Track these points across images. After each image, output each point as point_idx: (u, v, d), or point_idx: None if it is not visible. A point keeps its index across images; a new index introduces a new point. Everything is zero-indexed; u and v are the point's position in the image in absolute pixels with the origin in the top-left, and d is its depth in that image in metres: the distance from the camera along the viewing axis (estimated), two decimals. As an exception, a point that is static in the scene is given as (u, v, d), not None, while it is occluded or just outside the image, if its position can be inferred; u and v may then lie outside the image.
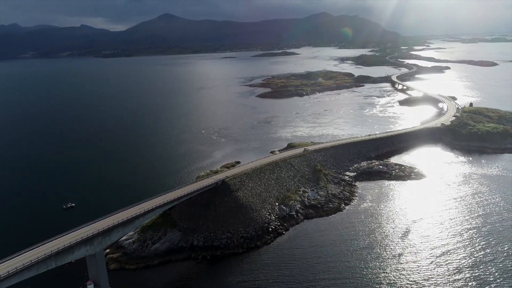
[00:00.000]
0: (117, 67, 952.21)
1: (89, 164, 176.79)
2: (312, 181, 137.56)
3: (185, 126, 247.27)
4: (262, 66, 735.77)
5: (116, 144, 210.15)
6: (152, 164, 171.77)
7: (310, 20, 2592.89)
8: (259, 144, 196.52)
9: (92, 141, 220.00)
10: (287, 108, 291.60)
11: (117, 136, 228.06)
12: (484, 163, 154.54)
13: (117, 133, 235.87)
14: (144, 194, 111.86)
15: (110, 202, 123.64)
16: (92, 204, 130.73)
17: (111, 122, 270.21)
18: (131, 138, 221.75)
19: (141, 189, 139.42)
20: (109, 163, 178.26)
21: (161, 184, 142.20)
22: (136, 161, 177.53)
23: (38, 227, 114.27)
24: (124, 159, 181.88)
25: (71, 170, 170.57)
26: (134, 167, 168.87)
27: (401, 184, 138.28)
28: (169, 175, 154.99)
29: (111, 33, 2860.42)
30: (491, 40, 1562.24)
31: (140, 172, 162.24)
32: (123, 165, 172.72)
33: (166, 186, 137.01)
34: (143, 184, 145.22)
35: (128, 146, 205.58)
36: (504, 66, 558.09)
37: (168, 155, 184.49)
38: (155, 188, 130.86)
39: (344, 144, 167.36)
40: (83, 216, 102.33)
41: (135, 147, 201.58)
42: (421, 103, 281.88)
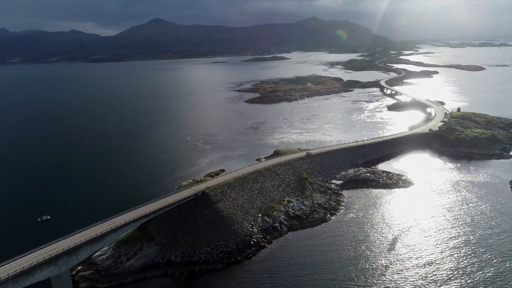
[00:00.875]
0: (106, 72, 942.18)
1: (70, 173, 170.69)
2: (297, 190, 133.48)
3: (171, 132, 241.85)
4: (252, 71, 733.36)
5: (98, 152, 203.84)
6: (134, 173, 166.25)
7: (301, 25, 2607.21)
8: (245, 151, 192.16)
9: (74, 149, 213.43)
10: (275, 114, 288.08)
11: (100, 144, 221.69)
12: (472, 169, 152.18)
13: (100, 141, 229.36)
14: (123, 206, 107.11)
15: (88, 214, 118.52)
16: (69, 217, 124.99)
17: (94, 129, 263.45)
18: (114, 145, 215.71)
19: (121, 199, 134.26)
20: (90, 171, 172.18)
21: (142, 194, 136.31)
22: (118, 170, 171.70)
23: (7, 243, 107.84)
24: (106, 168, 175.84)
25: (51, 179, 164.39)
26: (116, 176, 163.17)
27: (388, 192, 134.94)
28: (151, 184, 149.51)
29: (101, 38, 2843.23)
30: (479, 44, 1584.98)
31: (122, 181, 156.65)
32: (105, 174, 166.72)
33: (147, 196, 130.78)
34: (124, 195, 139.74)
35: (111, 153, 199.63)
36: (491, 70, 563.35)
37: (151, 163, 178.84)
38: (135, 198, 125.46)
39: (331, 151, 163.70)
40: (58, 230, 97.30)
41: (118, 155, 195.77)
42: (410, 108, 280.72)
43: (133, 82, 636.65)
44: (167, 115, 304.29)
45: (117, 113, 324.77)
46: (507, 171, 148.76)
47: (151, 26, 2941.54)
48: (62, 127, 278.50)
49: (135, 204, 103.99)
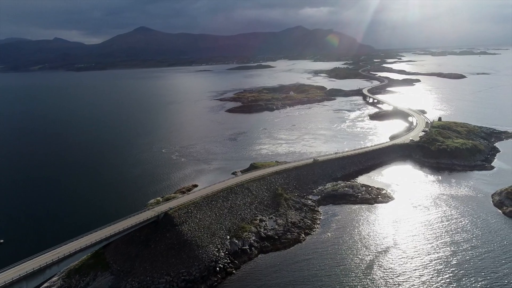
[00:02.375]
0: (87, 81, 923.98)
1: (31, 190, 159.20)
2: (271, 207, 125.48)
3: (146, 144, 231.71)
4: (236, 80, 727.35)
5: (64, 167, 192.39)
6: (101, 189, 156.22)
7: (286, 33, 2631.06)
8: (221, 164, 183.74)
9: (39, 162, 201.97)
10: (255, 124, 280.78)
11: (67, 158, 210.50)
12: (453, 182, 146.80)
13: (67, 155, 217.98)
14: (82, 227, 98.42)
15: (45, 237, 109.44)
16: (25, 240, 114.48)
17: (63, 142, 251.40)
18: (82, 160, 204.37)
19: (81, 220, 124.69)
20: (55, 188, 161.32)
21: (105, 213, 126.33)
22: (83, 187, 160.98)
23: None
24: (70, 185, 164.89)
25: (8, 197, 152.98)
26: (80, 194, 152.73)
27: (367, 208, 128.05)
28: (116, 202, 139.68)
29: (86, 46, 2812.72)
30: (460, 53, 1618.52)
31: (86, 199, 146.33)
32: (68, 192, 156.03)
33: (110, 216, 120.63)
34: (85, 215, 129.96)
35: (78, 169, 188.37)
36: (472, 78, 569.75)
37: (120, 179, 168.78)
38: (96, 219, 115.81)
39: (309, 164, 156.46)
40: (8, 257, 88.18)
41: (85, 171, 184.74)
42: (391, 117, 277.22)
43: (113, 91, 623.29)
44: (144, 126, 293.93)
45: (90, 125, 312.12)
46: (489, 183, 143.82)
47: (137, 34, 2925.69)
48: (30, 141, 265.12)
49: (95, 226, 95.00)
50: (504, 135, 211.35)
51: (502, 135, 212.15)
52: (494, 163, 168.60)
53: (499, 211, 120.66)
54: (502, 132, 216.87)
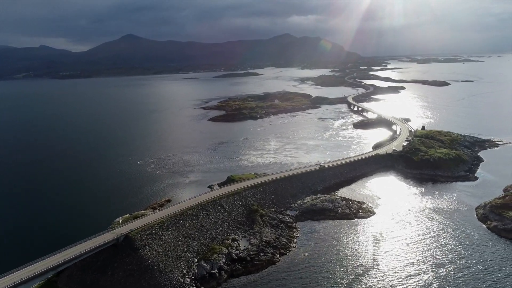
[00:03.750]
0: (70, 89, 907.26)
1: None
2: (245, 225, 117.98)
3: (121, 156, 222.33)
4: (221, 87, 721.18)
5: (27, 183, 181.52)
6: (66, 206, 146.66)
7: (274, 41, 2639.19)
8: (198, 176, 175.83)
9: (4, 177, 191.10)
10: (237, 133, 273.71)
11: (35, 170, 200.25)
12: (436, 195, 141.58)
13: (35, 167, 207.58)
14: (38, 251, 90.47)
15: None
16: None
17: (34, 153, 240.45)
18: (51, 174, 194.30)
19: (39, 241, 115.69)
20: (13, 206, 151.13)
21: (66, 234, 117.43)
22: (47, 203, 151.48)
23: None
24: (33, 200, 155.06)
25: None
26: (42, 211, 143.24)
27: (347, 224, 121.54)
28: (80, 221, 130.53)
29: (72, 54, 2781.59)
30: (444, 60, 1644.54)
31: (49, 217, 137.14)
32: (30, 209, 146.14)
33: (71, 237, 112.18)
34: (45, 235, 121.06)
35: (44, 183, 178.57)
36: (456, 85, 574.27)
37: (89, 194, 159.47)
38: (54, 241, 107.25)
39: (288, 177, 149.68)
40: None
41: (52, 184, 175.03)
42: (376, 125, 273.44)
43: (94, 100, 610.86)
44: (121, 137, 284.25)
45: (61, 137, 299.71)
46: (473, 195, 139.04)
47: (124, 42, 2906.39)
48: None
49: (53, 249, 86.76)
50: (488, 144, 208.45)
51: (486, 144, 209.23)
52: (478, 173, 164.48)
53: (483, 225, 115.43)
54: (486, 140, 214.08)
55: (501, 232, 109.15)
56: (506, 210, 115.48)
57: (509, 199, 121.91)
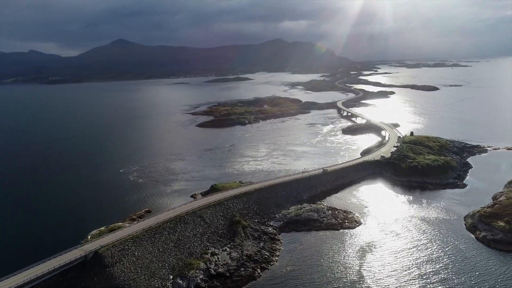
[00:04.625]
0: (59, 94, 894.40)
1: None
2: (226, 237, 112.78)
3: (104, 163, 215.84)
4: (212, 92, 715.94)
5: (6, 190, 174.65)
6: (40, 218, 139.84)
7: (266, 46, 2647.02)
8: (181, 185, 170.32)
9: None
10: (224, 139, 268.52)
11: (15, 178, 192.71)
12: (424, 203, 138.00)
13: (16, 174, 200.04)
14: (6, 267, 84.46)
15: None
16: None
17: (13, 161, 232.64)
18: (30, 182, 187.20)
19: (8, 256, 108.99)
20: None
21: (37, 248, 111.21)
22: (24, 213, 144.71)
23: None
24: (8, 210, 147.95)
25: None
26: (17, 221, 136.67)
27: (332, 235, 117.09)
28: (53, 234, 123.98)
29: (62, 59, 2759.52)
30: (433, 65, 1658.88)
31: (22, 229, 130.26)
32: (3, 219, 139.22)
33: (43, 252, 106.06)
34: (14, 249, 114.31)
35: (22, 192, 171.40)
36: (445, 90, 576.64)
37: (66, 204, 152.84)
38: (26, 255, 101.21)
39: (272, 186, 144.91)
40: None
41: (30, 193, 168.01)
42: (364, 131, 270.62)
43: (82, 105, 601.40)
44: (105, 143, 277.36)
45: (45, 143, 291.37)
46: (461, 203, 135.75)
47: (115, 47, 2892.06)
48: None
49: (22, 265, 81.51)
50: (476, 150, 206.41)
51: (475, 149, 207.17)
52: (467, 180, 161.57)
53: (471, 236, 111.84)
54: (474, 146, 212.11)
55: (490, 243, 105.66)
56: (495, 220, 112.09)
57: (498, 207, 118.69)
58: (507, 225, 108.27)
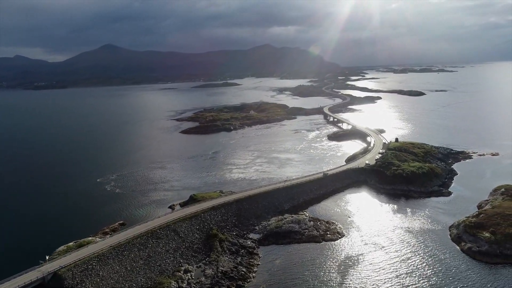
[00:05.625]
0: (43, 100, 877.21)
1: None
2: (201, 252, 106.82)
3: (81, 172, 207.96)
4: (199, 98, 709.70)
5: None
6: (6, 232, 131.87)
7: (254, 51, 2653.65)
8: (160, 195, 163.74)
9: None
10: (208, 146, 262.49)
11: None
12: (409, 212, 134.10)
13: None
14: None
15: None
16: None
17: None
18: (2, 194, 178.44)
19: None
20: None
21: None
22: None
23: None
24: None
25: None
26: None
27: (313, 248, 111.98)
28: (18, 251, 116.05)
29: (48, 64, 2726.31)
30: (419, 70, 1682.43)
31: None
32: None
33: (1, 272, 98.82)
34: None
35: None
36: (430, 95, 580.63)
37: (35, 217, 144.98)
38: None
39: (253, 196, 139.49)
40: None
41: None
42: (350, 137, 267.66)
43: (65, 111, 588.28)
44: (85, 151, 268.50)
45: (20, 150, 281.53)
46: (446, 213, 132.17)
47: (102, 52, 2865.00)
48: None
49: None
50: (461, 156, 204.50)
51: (459, 155, 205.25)
52: (452, 187, 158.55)
53: (457, 247, 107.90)
54: (459, 152, 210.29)
55: (476, 255, 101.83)
56: (480, 230, 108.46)
57: (483, 217, 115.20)
58: (493, 236, 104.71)
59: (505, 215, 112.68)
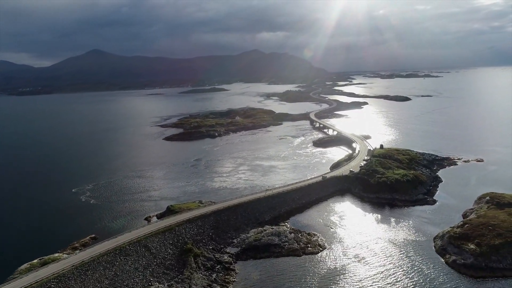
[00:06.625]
0: (26, 106, 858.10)
1: None
2: (174, 269, 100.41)
3: (56, 182, 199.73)
4: (185, 104, 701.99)
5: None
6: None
7: (243, 57, 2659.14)
8: (136, 206, 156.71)
9: None
10: (191, 153, 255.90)
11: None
12: (393, 222, 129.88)
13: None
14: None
15: None
16: None
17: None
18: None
19: None
20: None
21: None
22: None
23: None
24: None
25: None
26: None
27: (293, 262, 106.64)
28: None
29: (34, 69, 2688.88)
30: (406, 75, 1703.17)
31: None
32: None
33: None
34: None
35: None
36: (416, 101, 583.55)
37: (1, 230, 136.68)
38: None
39: (232, 207, 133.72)
40: None
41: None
42: (336, 143, 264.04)
43: (46, 118, 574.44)
44: (62, 160, 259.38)
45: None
46: (431, 222, 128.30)
47: (89, 57, 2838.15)
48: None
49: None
50: (446, 162, 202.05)
51: (444, 162, 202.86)
52: (437, 195, 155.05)
53: (441, 260, 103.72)
54: (444, 158, 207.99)
55: (461, 268, 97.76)
56: (465, 242, 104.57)
57: (468, 227, 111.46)
58: (478, 248, 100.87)
59: (490, 225, 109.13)
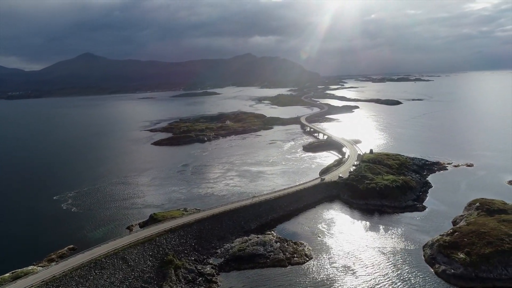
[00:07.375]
0: (14, 110, 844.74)
1: None
2: (153, 283, 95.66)
3: (37, 189, 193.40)
4: (177, 107, 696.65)
5: None
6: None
7: (235, 60, 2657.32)
8: (118, 214, 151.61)
9: None
10: (179, 159, 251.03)
11: None
12: (382, 230, 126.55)
13: None
14: None
15: None
16: None
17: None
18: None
19: None
20: None
21: None
22: None
23: None
24: None
25: None
26: None
27: (279, 273, 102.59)
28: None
29: (24, 73, 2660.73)
30: (397, 79, 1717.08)
31: None
32: None
33: None
34: None
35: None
36: (407, 104, 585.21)
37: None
38: None
39: (216, 215, 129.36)
40: None
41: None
42: (326, 148, 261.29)
43: (32, 122, 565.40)
44: (45, 166, 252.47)
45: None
46: (420, 230, 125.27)
47: (80, 60, 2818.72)
48: None
49: None
50: (436, 167, 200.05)
51: (434, 166, 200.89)
52: (426, 201, 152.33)
53: (431, 270, 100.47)
54: (434, 163, 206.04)
55: (450, 279, 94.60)
56: (455, 251, 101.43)
57: (458, 236, 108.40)
58: (468, 257, 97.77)
59: (480, 233, 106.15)
